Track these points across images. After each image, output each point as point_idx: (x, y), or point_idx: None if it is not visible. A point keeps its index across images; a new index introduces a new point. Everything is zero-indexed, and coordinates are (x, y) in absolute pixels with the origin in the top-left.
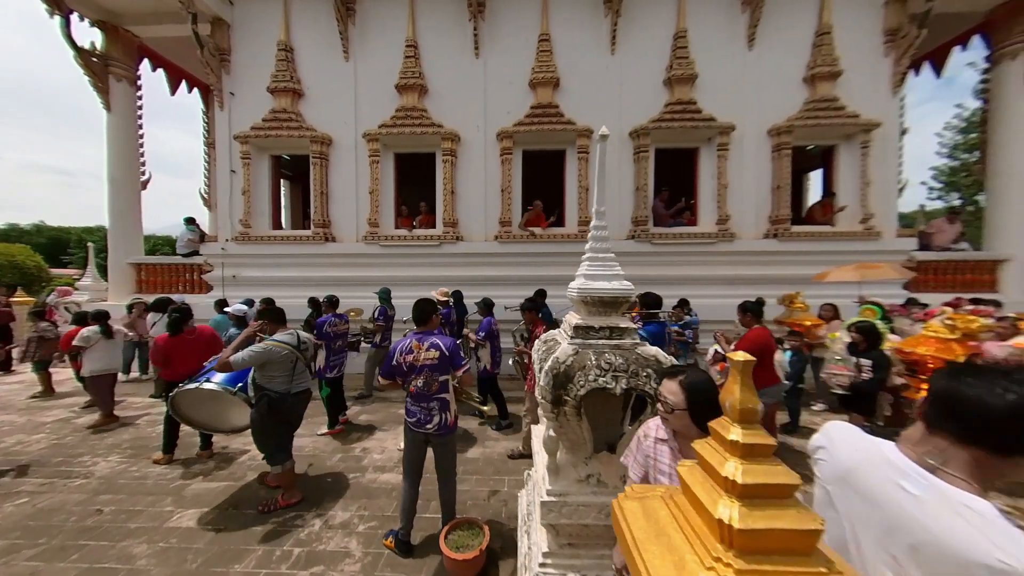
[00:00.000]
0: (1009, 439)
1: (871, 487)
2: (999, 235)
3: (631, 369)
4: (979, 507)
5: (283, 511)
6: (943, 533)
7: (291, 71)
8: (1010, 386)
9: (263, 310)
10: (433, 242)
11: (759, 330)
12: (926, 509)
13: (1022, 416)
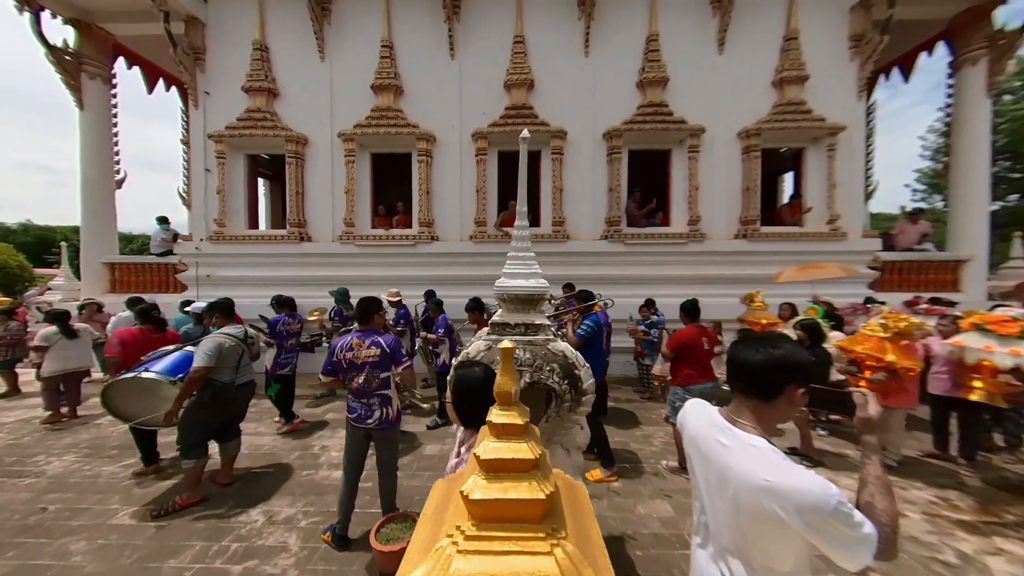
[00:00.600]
0: (765, 387)
1: (706, 446)
2: (961, 236)
3: (536, 363)
4: (758, 444)
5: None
6: (739, 468)
7: (266, 70)
8: (762, 347)
9: (213, 303)
10: (408, 242)
11: (687, 329)
12: (732, 454)
13: (770, 368)
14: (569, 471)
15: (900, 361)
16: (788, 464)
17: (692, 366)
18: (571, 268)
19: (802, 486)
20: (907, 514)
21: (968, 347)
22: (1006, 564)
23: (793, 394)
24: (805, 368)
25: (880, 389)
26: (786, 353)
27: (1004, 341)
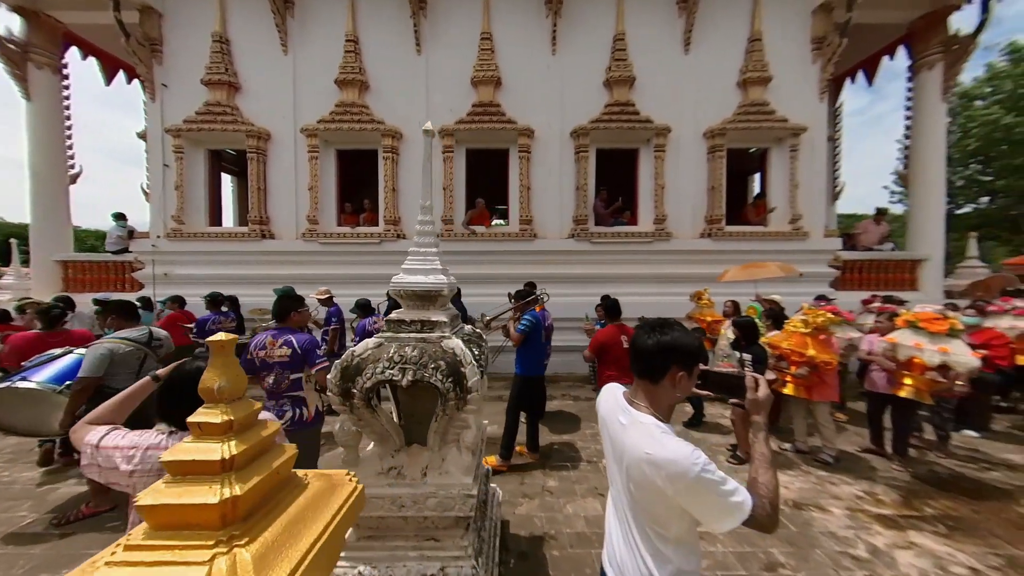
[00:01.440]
0: (652, 369)
1: (611, 426)
2: (920, 237)
3: (421, 361)
4: (646, 420)
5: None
6: (630, 443)
7: (227, 63)
8: (653, 333)
9: (105, 303)
10: (374, 240)
11: (606, 329)
12: (627, 431)
13: (656, 352)
14: (459, 470)
15: (819, 356)
16: (666, 438)
17: (612, 367)
18: (538, 267)
19: (670, 455)
20: (831, 509)
21: (900, 344)
22: (913, 558)
23: (675, 376)
24: (688, 352)
25: (804, 383)
26: (671, 338)
27: (934, 339)
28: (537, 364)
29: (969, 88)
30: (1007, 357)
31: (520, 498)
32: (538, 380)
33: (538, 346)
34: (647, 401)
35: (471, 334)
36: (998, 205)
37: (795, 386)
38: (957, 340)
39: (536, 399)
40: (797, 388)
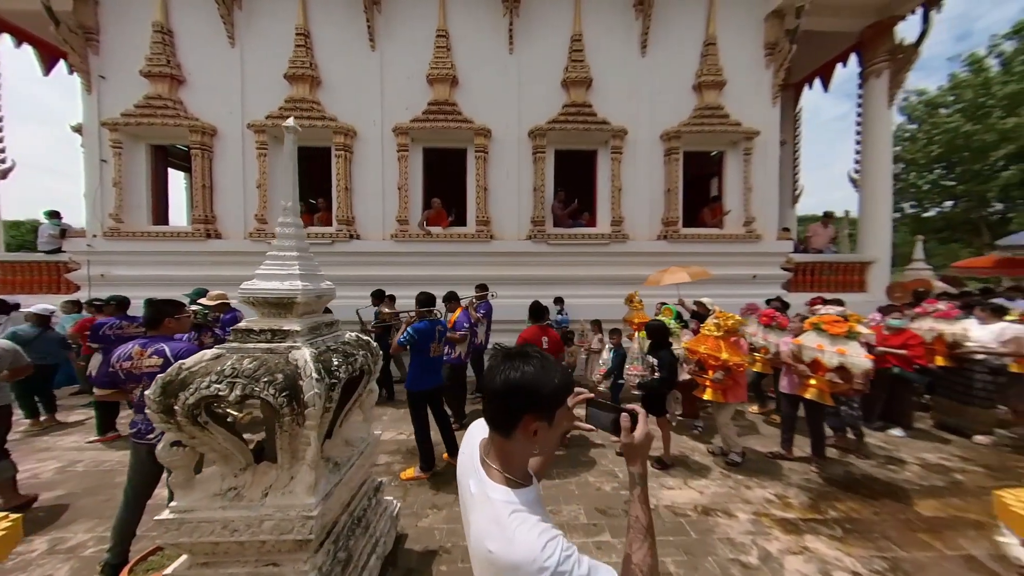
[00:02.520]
0: (501, 419)
1: (462, 490)
2: (869, 239)
3: (255, 375)
4: (495, 496)
5: None
6: (475, 527)
7: (168, 55)
8: (503, 369)
9: None
10: (326, 240)
11: (527, 330)
12: (475, 507)
13: (504, 395)
14: (304, 489)
15: (731, 358)
16: (517, 528)
17: None
18: (495, 268)
19: (515, 559)
20: (737, 514)
21: (804, 346)
22: (801, 564)
23: (529, 427)
24: (546, 396)
25: (720, 387)
26: (523, 377)
27: (834, 340)
28: (421, 378)
29: (934, 96)
30: (923, 356)
31: (428, 509)
32: (426, 394)
33: (424, 359)
34: (500, 462)
35: (351, 342)
36: (961, 209)
37: (713, 390)
38: (854, 342)
39: (435, 409)
40: (715, 392)
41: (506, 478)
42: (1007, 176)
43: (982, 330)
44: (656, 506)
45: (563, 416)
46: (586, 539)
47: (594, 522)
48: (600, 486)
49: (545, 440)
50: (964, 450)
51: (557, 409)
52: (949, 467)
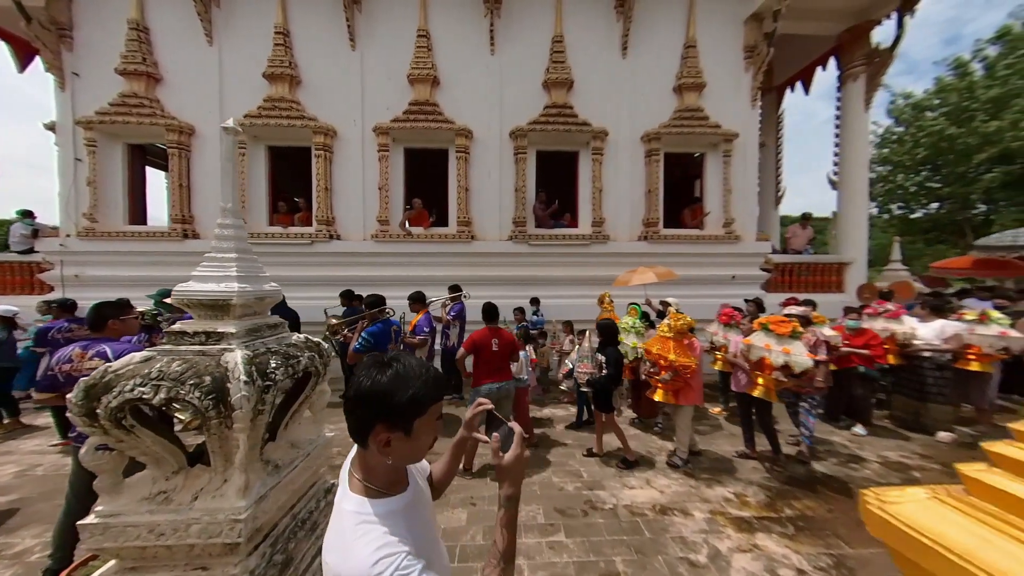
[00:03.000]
0: (355, 428)
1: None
2: (846, 240)
3: (181, 377)
4: (346, 506)
5: None
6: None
7: (144, 52)
8: (362, 376)
9: None
10: (305, 240)
11: (478, 331)
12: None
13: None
14: (235, 492)
15: (679, 359)
16: (355, 538)
17: (480, 367)
18: (476, 269)
19: (343, 572)
20: (694, 513)
21: (753, 345)
22: (749, 562)
23: (379, 438)
24: (398, 406)
25: (671, 388)
26: (373, 385)
27: (780, 340)
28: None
29: (920, 100)
30: (883, 356)
31: None
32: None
33: None
34: (361, 471)
35: (297, 344)
36: (946, 210)
37: (663, 391)
38: (797, 342)
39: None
40: (665, 393)
41: (366, 487)
42: (990, 178)
43: (926, 328)
44: (615, 506)
45: (425, 427)
46: (540, 539)
47: (551, 522)
48: (563, 486)
49: (401, 452)
50: (925, 448)
51: (415, 419)
52: (909, 465)
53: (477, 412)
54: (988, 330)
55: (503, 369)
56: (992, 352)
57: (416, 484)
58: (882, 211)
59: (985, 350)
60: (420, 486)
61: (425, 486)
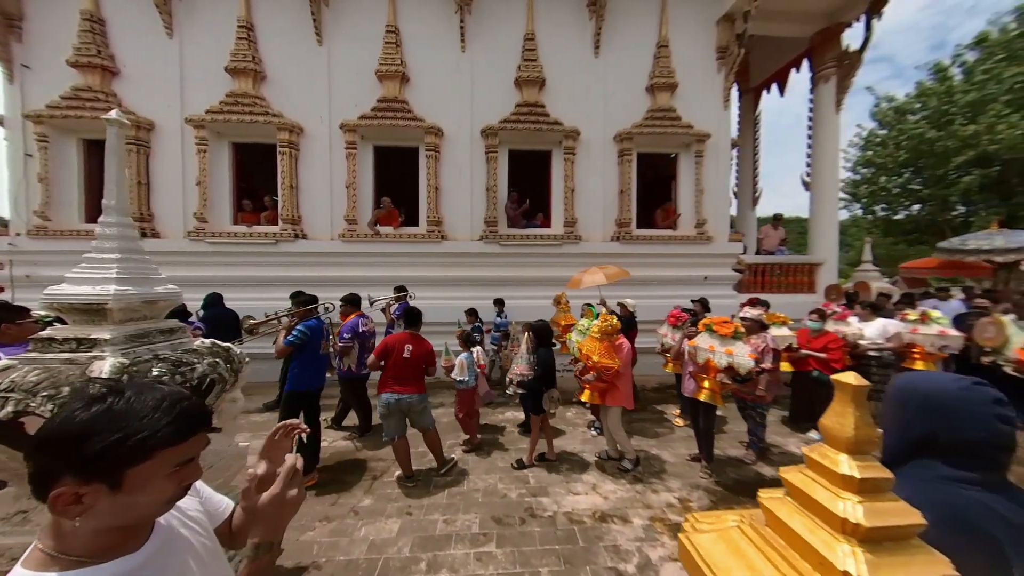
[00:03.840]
0: (33, 478)
1: None
2: (818, 241)
3: (34, 389)
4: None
5: None
6: None
7: (100, 45)
8: (69, 405)
9: None
10: (269, 240)
11: (393, 335)
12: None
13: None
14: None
15: (600, 360)
16: None
17: (387, 372)
18: (447, 269)
19: None
20: (634, 520)
21: (699, 347)
22: (677, 571)
23: (62, 494)
24: (91, 451)
25: (598, 389)
26: (63, 423)
27: (724, 341)
28: (309, 377)
29: (902, 103)
30: (841, 360)
31: (319, 521)
32: (307, 395)
33: (310, 357)
34: (51, 534)
35: (197, 350)
36: (927, 212)
37: (590, 392)
38: (740, 343)
39: (308, 414)
40: (591, 394)
41: (50, 557)
42: (968, 181)
43: (870, 328)
44: (555, 513)
45: (149, 480)
46: (470, 550)
47: (485, 531)
48: (507, 493)
49: (104, 511)
50: None
51: (127, 468)
52: None
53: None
54: (929, 329)
55: (412, 380)
56: (934, 351)
57: (171, 537)
58: (866, 212)
59: (928, 349)
60: (182, 538)
61: (204, 535)
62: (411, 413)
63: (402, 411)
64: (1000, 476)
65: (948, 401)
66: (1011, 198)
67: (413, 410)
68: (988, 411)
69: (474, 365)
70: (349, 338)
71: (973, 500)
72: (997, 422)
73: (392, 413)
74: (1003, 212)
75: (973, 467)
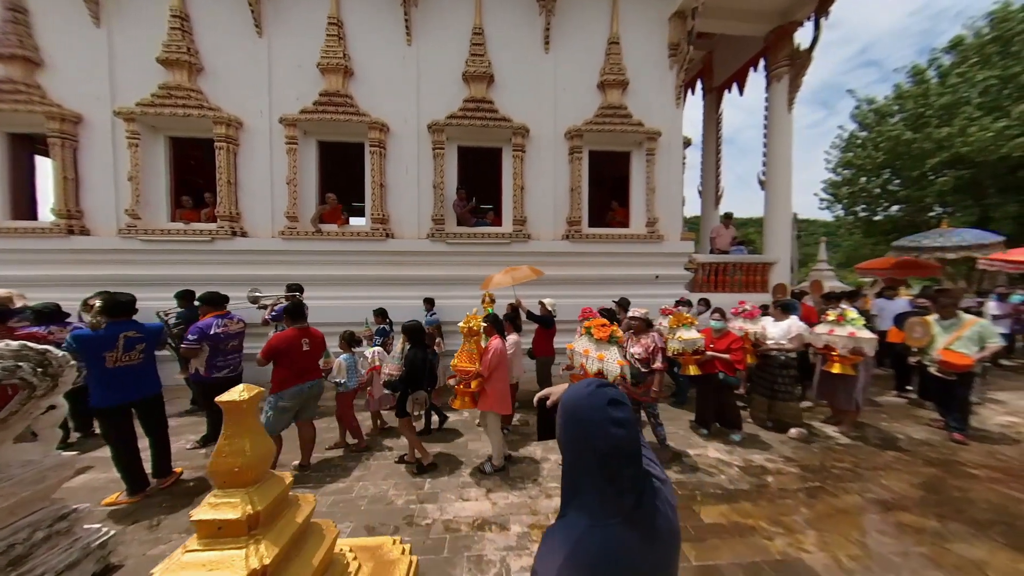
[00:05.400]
0: None
1: None
2: (772, 240)
3: None
4: None
5: None
6: None
7: (21, 35)
8: None
9: None
10: (204, 237)
11: (283, 332)
12: None
13: None
14: None
15: (459, 363)
16: None
17: (287, 369)
18: (392, 268)
19: None
20: (512, 527)
21: (575, 352)
22: None
23: None
24: None
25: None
26: None
27: (598, 345)
28: (99, 394)
29: (881, 106)
30: (742, 361)
31: (177, 534)
32: (114, 411)
33: (98, 371)
34: None
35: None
36: (905, 213)
37: (460, 397)
38: (613, 347)
39: (145, 424)
40: (463, 399)
41: None
42: (942, 182)
43: (776, 328)
44: (435, 521)
45: None
46: None
47: None
48: (394, 500)
49: None
50: (796, 451)
51: None
52: (769, 468)
53: None
54: (842, 331)
55: (312, 369)
56: (846, 353)
57: None
58: (848, 213)
59: (840, 351)
60: None
61: None
62: (312, 399)
63: (314, 397)
64: (634, 498)
65: (578, 411)
66: (984, 199)
67: (314, 395)
68: (603, 416)
69: (355, 367)
70: (195, 339)
71: (611, 539)
72: (610, 426)
73: (298, 403)
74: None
75: (613, 492)
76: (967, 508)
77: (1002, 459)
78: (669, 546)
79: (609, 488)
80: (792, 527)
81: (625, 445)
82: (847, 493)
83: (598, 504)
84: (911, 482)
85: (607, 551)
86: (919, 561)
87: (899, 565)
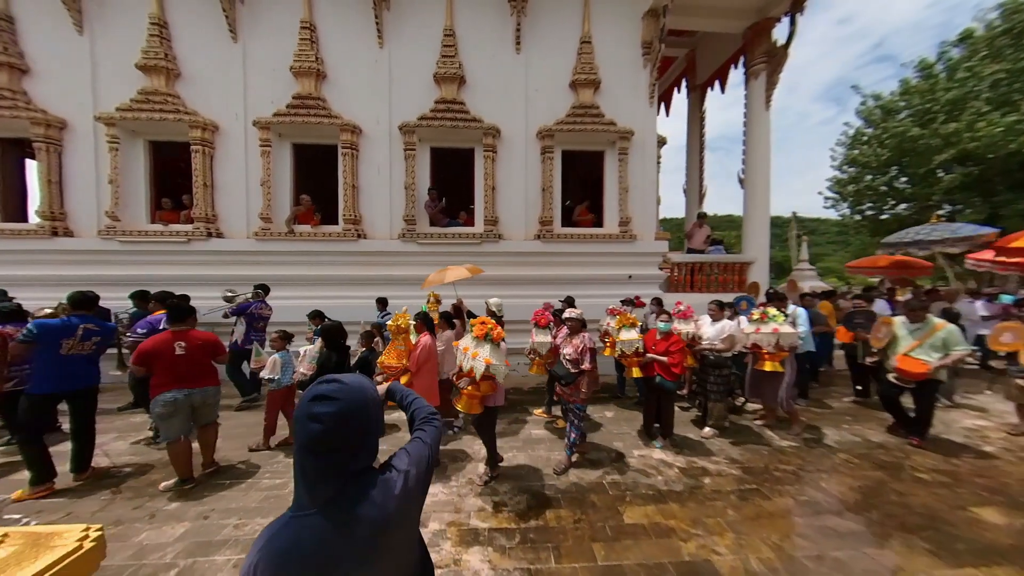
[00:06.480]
0: None
1: None
2: (750, 239)
3: None
4: None
5: None
6: None
7: (7, 42)
8: None
9: None
10: (180, 239)
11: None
12: None
13: None
14: None
15: (385, 360)
16: None
17: (161, 375)
18: (364, 268)
19: None
20: (428, 524)
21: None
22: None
23: None
24: None
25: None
26: None
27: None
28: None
29: (887, 102)
30: (680, 364)
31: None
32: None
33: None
34: None
35: None
36: (912, 211)
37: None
38: (488, 345)
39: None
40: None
41: None
42: (950, 179)
43: (711, 328)
44: None
45: None
46: (232, 556)
47: None
48: None
49: None
50: (744, 453)
51: None
52: (710, 470)
53: None
54: (766, 328)
55: (196, 375)
56: (773, 350)
57: None
58: (854, 212)
59: (767, 348)
60: None
61: None
62: (204, 407)
63: (193, 406)
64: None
65: (298, 407)
66: (993, 196)
67: (207, 403)
68: (304, 411)
69: (291, 363)
70: (144, 333)
71: (303, 529)
72: (307, 421)
73: (178, 411)
74: (985, 211)
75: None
76: (900, 513)
77: (954, 465)
78: (377, 534)
79: (303, 480)
80: (712, 529)
81: (319, 439)
82: (781, 496)
83: (301, 496)
84: (851, 485)
85: (298, 542)
86: (832, 565)
87: (808, 569)
